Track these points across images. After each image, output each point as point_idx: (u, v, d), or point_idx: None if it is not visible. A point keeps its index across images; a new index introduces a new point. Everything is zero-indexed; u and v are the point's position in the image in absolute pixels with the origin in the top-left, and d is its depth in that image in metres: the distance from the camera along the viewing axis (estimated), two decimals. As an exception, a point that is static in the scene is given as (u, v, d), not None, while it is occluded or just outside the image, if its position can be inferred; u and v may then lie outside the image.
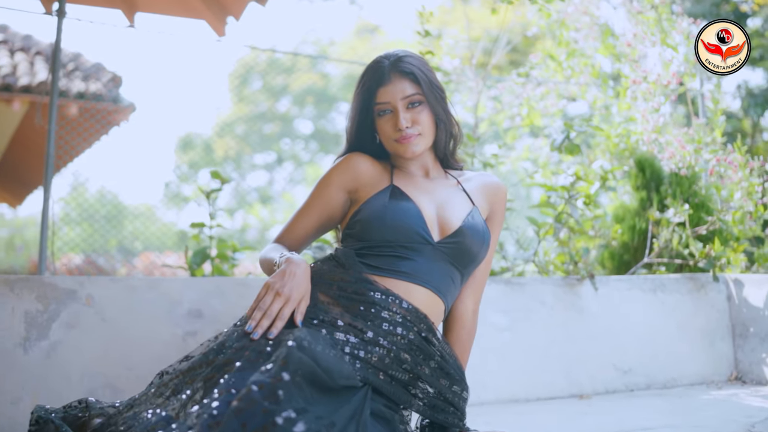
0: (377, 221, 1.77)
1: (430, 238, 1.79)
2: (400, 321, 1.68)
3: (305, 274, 1.69)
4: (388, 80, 1.85)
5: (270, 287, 1.64)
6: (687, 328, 3.00)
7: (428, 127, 1.87)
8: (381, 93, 1.85)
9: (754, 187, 3.19)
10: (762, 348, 2.92)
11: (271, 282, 1.65)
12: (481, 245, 1.86)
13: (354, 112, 1.95)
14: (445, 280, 1.81)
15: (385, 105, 1.85)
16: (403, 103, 1.84)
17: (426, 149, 1.90)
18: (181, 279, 2.38)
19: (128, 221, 8.31)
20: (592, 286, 2.83)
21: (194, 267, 2.80)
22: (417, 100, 1.85)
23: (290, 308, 1.61)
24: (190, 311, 2.32)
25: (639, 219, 3.54)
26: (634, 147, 3.63)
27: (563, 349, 2.75)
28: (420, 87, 1.86)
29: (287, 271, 1.68)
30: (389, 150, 1.90)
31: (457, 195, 1.94)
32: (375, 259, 1.77)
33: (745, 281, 3.06)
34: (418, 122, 1.84)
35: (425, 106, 1.86)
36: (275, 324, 1.57)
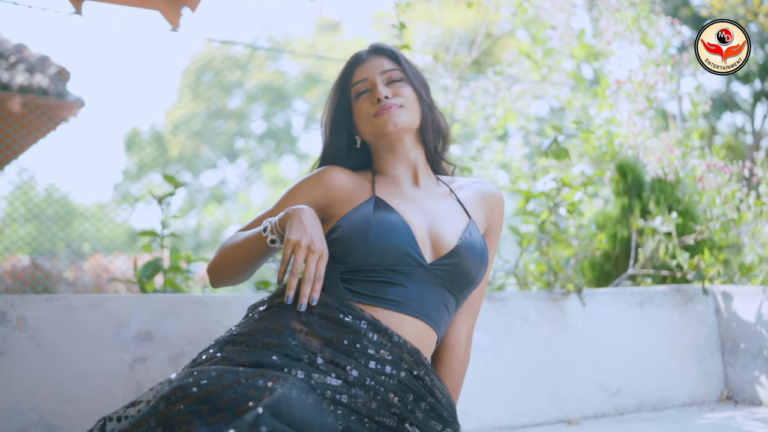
0: (360, 241, 1.52)
1: (422, 260, 1.55)
2: (390, 358, 1.44)
3: (319, 222, 1.53)
4: (365, 59, 1.70)
5: (297, 244, 1.43)
6: (676, 344, 2.82)
7: (411, 101, 1.67)
8: (357, 72, 1.68)
9: (735, 193, 3.04)
10: (754, 366, 2.76)
11: (294, 239, 1.44)
12: (480, 266, 1.63)
13: (329, 114, 1.75)
14: (439, 307, 1.57)
15: (363, 83, 1.67)
16: (382, 78, 1.66)
17: (411, 128, 1.67)
18: (128, 297, 2.10)
19: (78, 222, 7.91)
20: (580, 300, 2.63)
21: (144, 280, 2.52)
22: (397, 77, 1.67)
23: (324, 263, 1.46)
24: (139, 334, 2.05)
25: (621, 227, 3.36)
26: (616, 151, 3.45)
27: (549, 370, 2.55)
28: (399, 65, 1.69)
29: (304, 222, 1.48)
30: (369, 134, 1.67)
31: (451, 206, 1.70)
32: (359, 285, 1.52)
33: (734, 294, 2.90)
34: (399, 95, 1.65)
35: (407, 83, 1.68)
36: (314, 287, 1.45)
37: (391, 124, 1.63)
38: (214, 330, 2.12)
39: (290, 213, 1.50)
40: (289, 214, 1.50)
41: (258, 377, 1.21)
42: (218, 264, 1.64)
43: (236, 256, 1.60)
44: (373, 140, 1.69)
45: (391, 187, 1.68)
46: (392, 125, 1.63)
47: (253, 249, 1.57)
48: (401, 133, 1.65)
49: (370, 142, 1.71)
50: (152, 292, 2.53)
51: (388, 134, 1.64)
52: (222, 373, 1.22)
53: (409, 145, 1.71)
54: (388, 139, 1.66)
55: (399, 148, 1.70)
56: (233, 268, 1.62)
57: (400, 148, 1.70)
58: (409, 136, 1.69)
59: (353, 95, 1.68)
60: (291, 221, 1.48)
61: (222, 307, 2.17)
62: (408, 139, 1.70)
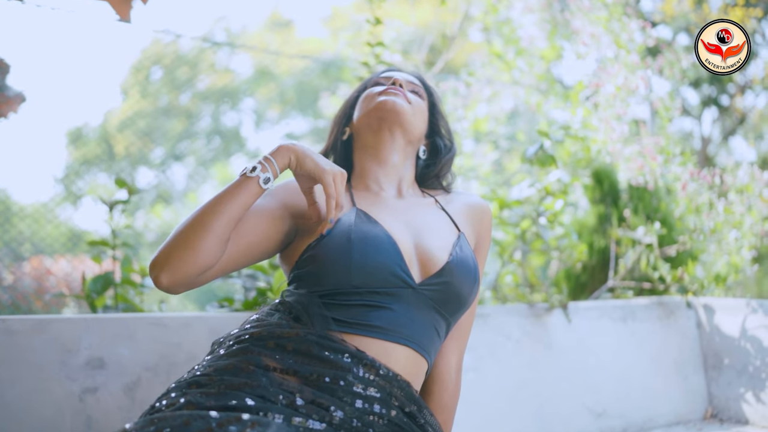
0: (340, 260, 1.33)
1: (411, 280, 1.37)
2: (378, 396, 1.25)
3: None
4: (397, 70, 1.66)
5: (335, 173, 1.35)
6: (660, 360, 2.71)
7: (420, 111, 1.58)
8: (386, 74, 1.62)
9: (711, 202, 2.95)
10: (739, 382, 2.66)
11: (330, 168, 1.34)
12: (473, 285, 1.46)
13: (340, 107, 1.63)
14: (429, 332, 1.39)
15: (386, 79, 1.60)
16: (407, 84, 1.60)
17: (407, 124, 1.55)
18: (76, 319, 1.86)
19: (18, 220, 7.51)
20: (565, 317, 2.49)
21: (94, 296, 2.27)
22: (420, 93, 1.60)
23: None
24: (89, 361, 1.82)
25: (598, 236, 3.24)
26: (592, 157, 3.33)
27: (533, 390, 2.40)
28: (425, 89, 1.62)
29: (313, 152, 1.34)
30: (363, 115, 1.56)
31: (439, 218, 1.53)
32: (338, 310, 1.33)
33: (716, 307, 2.80)
34: (411, 102, 1.57)
35: (425, 100, 1.60)
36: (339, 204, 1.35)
37: (391, 103, 1.51)
38: (174, 355, 1.91)
39: (291, 147, 1.33)
40: (290, 148, 1.33)
41: (233, 423, 1.02)
42: (174, 248, 1.25)
43: (204, 224, 1.26)
44: (363, 124, 1.54)
45: (370, 196, 1.51)
46: (391, 104, 1.51)
47: (236, 203, 1.28)
48: (395, 120, 1.51)
49: (358, 130, 1.56)
50: (102, 308, 2.29)
51: (383, 112, 1.51)
52: (189, 420, 1.03)
53: (398, 151, 1.55)
54: (378, 122, 1.52)
55: (384, 145, 1.54)
56: (198, 246, 1.25)
57: (385, 146, 1.54)
58: (400, 138, 1.55)
59: (370, 85, 1.56)
60: (306, 153, 1.33)
61: (182, 328, 1.95)
62: (398, 141, 1.55)
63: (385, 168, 1.55)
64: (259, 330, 1.31)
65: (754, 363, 2.61)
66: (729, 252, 3.03)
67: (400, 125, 1.53)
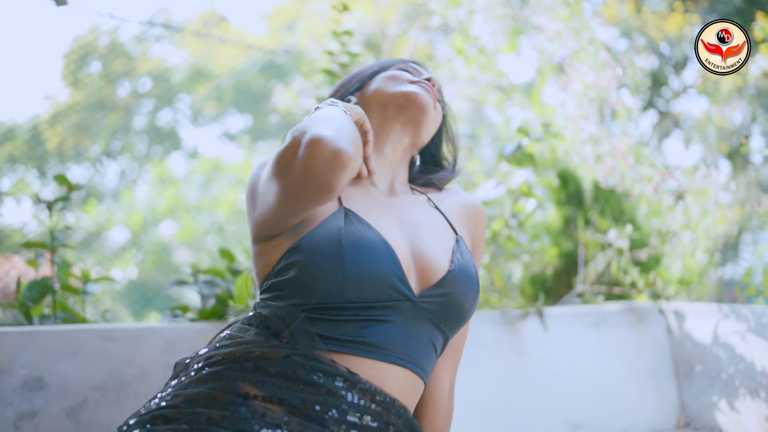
0: (330, 270, 1.15)
1: (410, 292, 1.20)
2: (375, 426, 1.08)
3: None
4: (419, 64, 1.55)
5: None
6: (633, 368, 2.61)
7: (434, 125, 1.46)
8: (412, 65, 1.51)
9: (673, 206, 2.90)
10: (712, 390, 2.58)
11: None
12: (475, 297, 1.30)
13: (345, 82, 1.52)
14: (427, 349, 1.23)
15: (414, 70, 1.49)
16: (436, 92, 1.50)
17: (426, 126, 1.43)
18: (10, 332, 1.63)
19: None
20: (541, 324, 2.37)
21: (29, 304, 2.03)
22: (441, 103, 1.51)
23: None
24: (26, 381, 1.59)
25: (564, 239, 3.14)
26: (558, 158, 3.23)
27: (509, 403, 2.27)
28: (443, 103, 1.51)
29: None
30: (386, 92, 1.42)
31: (435, 218, 1.37)
32: (328, 327, 1.15)
33: (687, 312, 2.73)
34: (435, 108, 1.47)
35: (440, 117, 1.49)
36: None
37: (422, 98, 1.37)
38: (125, 371, 1.70)
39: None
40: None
41: None
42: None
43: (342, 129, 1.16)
44: (377, 103, 1.40)
45: (358, 193, 1.33)
46: (422, 99, 1.37)
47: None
48: (417, 116, 1.39)
49: (367, 104, 1.41)
50: (39, 318, 2.04)
51: (409, 102, 1.37)
52: None
53: (399, 149, 1.40)
54: (397, 109, 1.39)
55: (389, 136, 1.41)
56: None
57: (390, 136, 1.41)
58: (408, 137, 1.42)
59: (392, 68, 1.40)
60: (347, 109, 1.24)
61: (133, 341, 1.74)
62: (405, 139, 1.41)
63: (380, 158, 1.39)
64: (233, 350, 1.13)
65: (727, 370, 2.54)
66: (683, 255, 2.98)
67: (417, 124, 1.39)
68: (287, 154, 1.08)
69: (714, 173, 2.95)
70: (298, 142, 1.07)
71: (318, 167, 1.04)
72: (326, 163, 1.04)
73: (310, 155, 1.05)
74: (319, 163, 1.04)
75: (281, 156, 1.09)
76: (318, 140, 1.05)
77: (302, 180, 1.06)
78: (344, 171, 1.06)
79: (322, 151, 1.04)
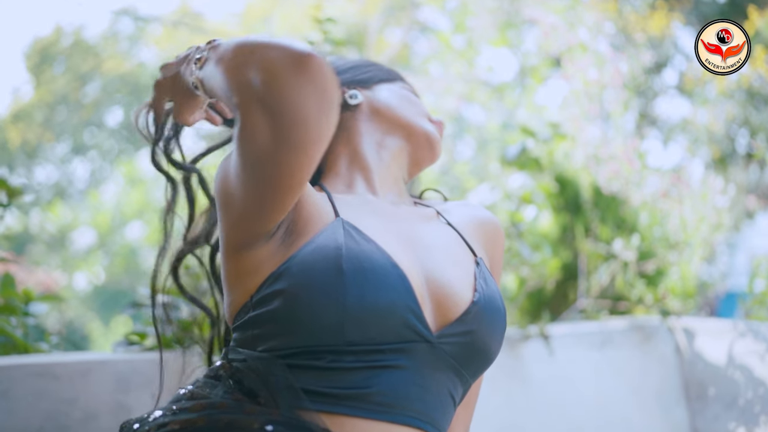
0: (328, 302, 0.87)
1: (427, 332, 0.93)
2: None
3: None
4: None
5: None
6: (640, 391, 2.40)
7: None
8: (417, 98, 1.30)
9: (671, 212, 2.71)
10: (728, 416, 2.36)
11: None
12: (502, 334, 1.04)
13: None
14: (444, 403, 0.96)
15: (419, 101, 1.28)
16: None
17: (419, 169, 1.24)
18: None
19: None
20: (546, 347, 2.13)
21: (-40, 329, 1.74)
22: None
23: None
24: (-58, 431, 1.32)
25: (562, 249, 2.90)
26: (555, 160, 3.00)
27: (511, 436, 2.03)
28: None
29: None
30: (406, 122, 1.18)
31: (449, 238, 1.10)
32: (320, 378, 0.87)
33: (697, 329, 2.51)
34: None
35: None
36: None
37: (440, 148, 1.21)
38: (67, 415, 1.42)
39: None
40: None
41: None
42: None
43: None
44: (400, 125, 1.17)
45: (357, 203, 1.05)
46: (439, 149, 1.21)
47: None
48: (429, 163, 1.23)
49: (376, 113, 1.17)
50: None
51: (434, 151, 1.20)
52: None
53: (402, 167, 1.20)
54: (422, 149, 1.19)
55: (394, 155, 1.18)
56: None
57: (395, 155, 1.18)
58: (407, 167, 1.24)
59: (399, 83, 1.21)
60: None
61: (79, 378, 1.47)
62: (406, 167, 1.23)
63: (380, 168, 1.13)
64: (193, 416, 0.85)
65: (744, 395, 2.32)
66: (680, 263, 2.78)
67: (421, 167, 1.21)
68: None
69: (711, 177, 2.79)
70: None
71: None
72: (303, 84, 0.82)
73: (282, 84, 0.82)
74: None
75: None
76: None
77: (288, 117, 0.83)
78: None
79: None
